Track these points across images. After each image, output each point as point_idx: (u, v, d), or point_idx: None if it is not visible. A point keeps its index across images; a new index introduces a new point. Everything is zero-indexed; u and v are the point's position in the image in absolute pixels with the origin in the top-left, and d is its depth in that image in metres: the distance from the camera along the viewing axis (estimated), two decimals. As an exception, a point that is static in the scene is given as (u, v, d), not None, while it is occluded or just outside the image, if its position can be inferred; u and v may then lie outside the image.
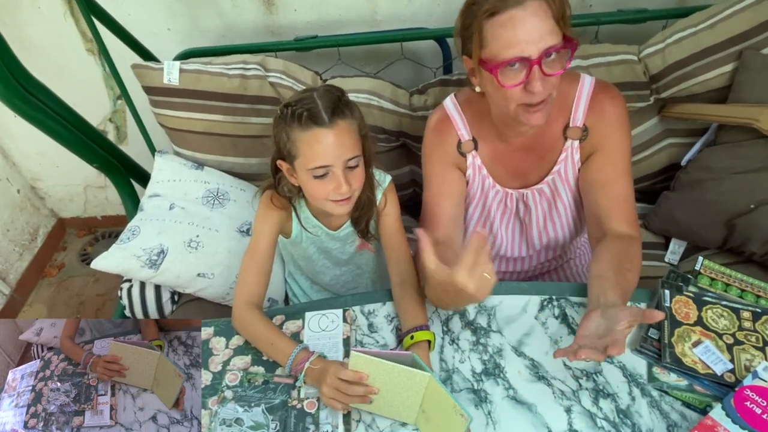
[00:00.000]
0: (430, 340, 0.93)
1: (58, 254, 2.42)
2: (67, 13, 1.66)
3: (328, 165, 0.90)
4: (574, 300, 1.01)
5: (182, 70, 1.38)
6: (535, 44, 0.81)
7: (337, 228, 1.11)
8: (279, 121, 0.92)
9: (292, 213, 1.07)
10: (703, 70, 1.28)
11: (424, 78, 1.57)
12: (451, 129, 1.06)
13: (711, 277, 1.03)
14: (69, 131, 1.26)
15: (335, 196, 0.93)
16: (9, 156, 2.15)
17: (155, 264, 1.26)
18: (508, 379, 0.90)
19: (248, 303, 0.99)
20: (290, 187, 1.02)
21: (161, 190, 1.43)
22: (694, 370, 0.86)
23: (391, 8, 1.57)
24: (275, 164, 0.99)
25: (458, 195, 1.09)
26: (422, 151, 1.12)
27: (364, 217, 1.08)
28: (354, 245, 1.17)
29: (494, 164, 1.08)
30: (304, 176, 0.94)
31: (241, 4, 1.58)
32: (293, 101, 0.91)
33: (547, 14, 0.82)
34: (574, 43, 0.85)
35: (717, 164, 1.28)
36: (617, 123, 1.00)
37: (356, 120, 0.93)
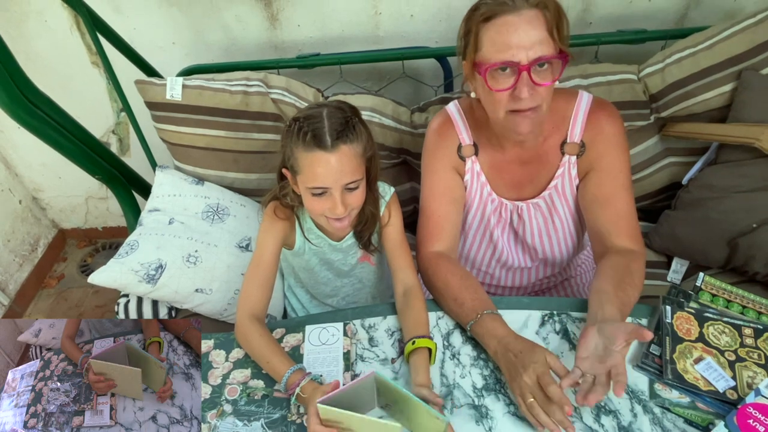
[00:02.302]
0: (431, 348, 0.92)
1: (58, 265, 2.41)
2: (74, 27, 1.68)
3: (327, 187, 0.92)
4: (575, 315, 1.01)
5: (185, 86, 1.40)
6: (525, 50, 0.84)
7: (339, 239, 1.12)
8: (287, 133, 0.93)
9: (295, 224, 1.08)
10: (703, 89, 1.29)
11: (425, 96, 1.59)
12: (452, 132, 1.07)
13: (712, 293, 1.03)
14: (72, 143, 1.27)
15: (331, 214, 0.95)
16: (12, 167, 2.16)
17: (153, 279, 1.25)
18: (509, 395, 0.90)
19: (251, 316, 0.99)
20: (294, 195, 1.03)
21: (161, 205, 1.43)
22: (696, 387, 0.86)
23: (393, 25, 1.59)
24: (281, 172, 1.00)
25: (460, 200, 1.10)
26: (423, 155, 1.12)
27: (367, 231, 1.09)
28: (356, 257, 1.17)
29: (492, 173, 1.09)
30: (304, 191, 0.96)
31: (246, 20, 1.60)
32: (302, 116, 0.91)
33: (541, 24, 0.84)
34: (566, 56, 0.87)
35: (718, 183, 1.29)
36: (614, 139, 1.01)
37: (362, 143, 0.93)
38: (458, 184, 1.09)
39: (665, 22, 1.55)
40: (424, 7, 1.55)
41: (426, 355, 0.92)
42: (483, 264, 1.24)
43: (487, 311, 0.94)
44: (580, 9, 1.54)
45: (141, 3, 1.59)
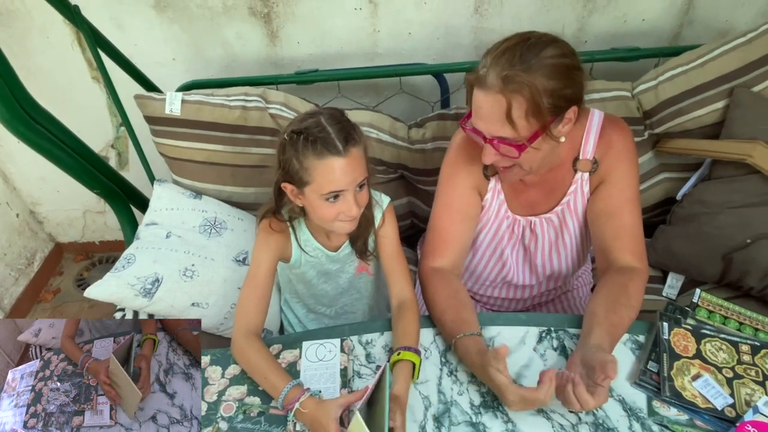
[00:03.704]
0: (415, 363, 0.92)
1: (54, 279, 2.40)
2: (75, 43, 1.70)
3: (342, 190, 0.93)
4: (572, 332, 1.01)
5: (184, 100, 1.40)
6: (485, 126, 0.90)
7: (336, 249, 1.12)
8: (288, 147, 0.93)
9: (290, 237, 1.08)
10: (696, 106, 1.31)
11: (422, 111, 1.60)
12: (479, 150, 1.07)
13: (709, 310, 1.03)
14: (71, 158, 1.27)
15: (344, 217, 0.96)
16: (10, 181, 2.16)
17: (149, 293, 1.25)
18: (507, 413, 0.89)
19: (248, 332, 0.98)
20: (292, 208, 1.03)
21: (159, 219, 1.43)
22: (694, 405, 0.85)
23: (391, 43, 1.61)
24: (279, 187, 1.00)
25: (474, 218, 1.10)
26: (444, 167, 1.11)
27: (361, 236, 1.08)
28: (353, 266, 1.17)
29: (510, 192, 1.10)
30: (315, 200, 0.95)
31: (246, 36, 1.62)
32: (302, 128, 0.91)
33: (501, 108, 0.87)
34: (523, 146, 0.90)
35: (712, 198, 1.30)
36: (624, 154, 1.02)
37: (363, 143, 0.95)
38: (476, 203, 1.09)
39: (659, 40, 1.58)
40: (422, 25, 1.57)
41: (408, 368, 0.92)
42: (488, 280, 1.25)
43: (459, 335, 0.94)
44: (575, 28, 1.57)
45: (142, 20, 1.61)
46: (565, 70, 0.85)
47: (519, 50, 0.84)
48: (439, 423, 0.89)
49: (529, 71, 0.83)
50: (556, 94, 0.85)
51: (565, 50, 0.86)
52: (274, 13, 1.57)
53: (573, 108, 0.88)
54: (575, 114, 0.89)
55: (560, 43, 0.87)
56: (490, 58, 0.86)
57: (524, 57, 0.83)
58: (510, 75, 0.83)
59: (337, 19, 1.57)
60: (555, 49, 0.85)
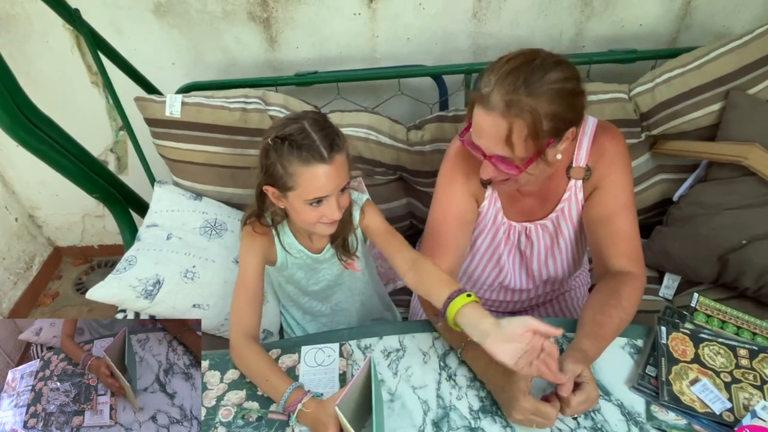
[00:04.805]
0: (476, 300, 0.88)
1: (53, 283, 2.40)
2: (74, 47, 1.70)
3: (326, 195, 0.93)
4: (569, 335, 1.01)
5: (184, 103, 1.41)
6: (485, 143, 0.91)
7: (319, 251, 1.12)
8: (271, 152, 0.92)
9: (274, 239, 1.08)
10: (692, 108, 1.32)
11: (421, 113, 1.61)
12: (476, 160, 1.06)
13: (707, 314, 1.03)
14: (71, 163, 1.28)
15: (326, 219, 0.96)
16: (9, 185, 2.16)
17: (151, 294, 1.25)
18: (506, 417, 0.89)
19: (245, 336, 0.98)
20: (275, 211, 1.03)
21: (159, 220, 1.43)
22: (692, 409, 0.86)
23: (390, 47, 1.62)
24: (261, 190, 0.99)
25: (470, 223, 1.11)
26: (442, 172, 1.11)
27: (340, 235, 1.08)
28: (340, 265, 1.17)
29: (506, 200, 1.10)
30: (298, 204, 0.95)
31: (245, 41, 1.63)
32: (285, 134, 0.91)
33: (502, 130, 0.87)
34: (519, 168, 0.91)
35: (708, 200, 1.31)
36: (616, 159, 1.02)
37: (346, 148, 0.96)
38: (472, 209, 1.10)
39: (657, 45, 1.58)
40: (421, 30, 1.58)
41: (475, 305, 0.87)
42: (485, 284, 1.25)
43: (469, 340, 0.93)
44: (573, 33, 1.57)
45: (142, 24, 1.61)
46: (567, 95, 0.85)
47: (523, 73, 0.83)
48: (438, 428, 0.89)
49: (532, 95, 0.82)
50: (558, 117, 0.85)
51: (569, 74, 0.86)
52: (274, 18, 1.57)
53: (572, 129, 0.89)
54: (573, 134, 0.90)
55: (564, 66, 0.86)
56: (494, 77, 0.85)
57: (528, 80, 0.83)
58: (514, 100, 0.83)
59: (336, 23, 1.57)
60: (559, 73, 0.84)
